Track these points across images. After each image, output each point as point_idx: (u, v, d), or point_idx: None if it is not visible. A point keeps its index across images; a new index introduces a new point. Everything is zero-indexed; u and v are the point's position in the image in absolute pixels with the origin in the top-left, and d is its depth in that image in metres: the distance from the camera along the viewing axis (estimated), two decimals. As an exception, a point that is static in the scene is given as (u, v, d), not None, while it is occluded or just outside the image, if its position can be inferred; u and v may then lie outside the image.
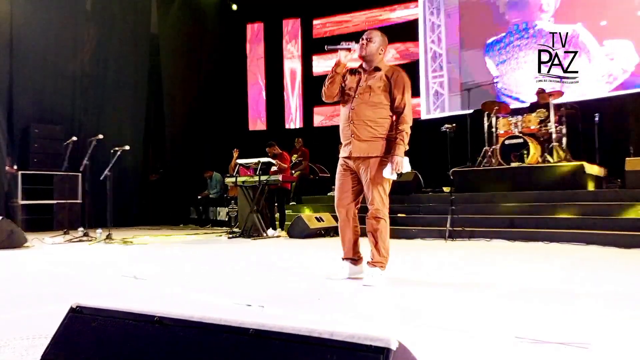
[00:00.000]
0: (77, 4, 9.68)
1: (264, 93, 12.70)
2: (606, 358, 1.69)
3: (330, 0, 11.64)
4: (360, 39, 3.13)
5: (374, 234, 3.08)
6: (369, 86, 3.05)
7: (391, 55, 10.97)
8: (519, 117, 7.43)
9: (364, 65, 3.16)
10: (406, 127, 3.02)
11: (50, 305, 2.55)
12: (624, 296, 2.75)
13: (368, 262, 3.12)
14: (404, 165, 2.98)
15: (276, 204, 7.80)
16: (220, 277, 3.64)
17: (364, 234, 3.17)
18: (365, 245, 3.23)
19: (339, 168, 3.23)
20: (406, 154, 3.04)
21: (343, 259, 3.25)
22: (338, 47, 3.08)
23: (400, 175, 3.08)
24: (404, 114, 3.03)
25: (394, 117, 3.07)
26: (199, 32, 12.16)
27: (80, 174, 8.61)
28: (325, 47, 3.22)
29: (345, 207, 3.18)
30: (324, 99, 3.20)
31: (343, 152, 3.17)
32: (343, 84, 3.16)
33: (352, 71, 3.18)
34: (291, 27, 12.28)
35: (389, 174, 2.97)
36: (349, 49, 3.05)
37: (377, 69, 3.10)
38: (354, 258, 3.22)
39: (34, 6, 8.89)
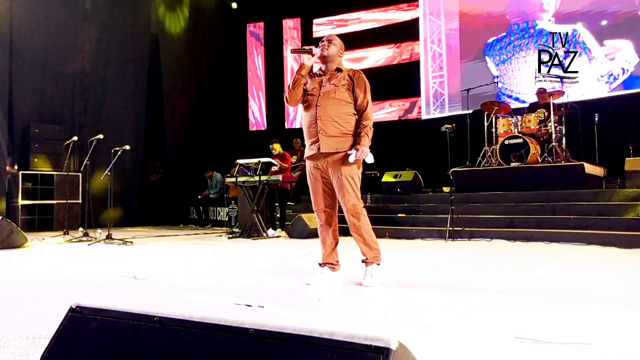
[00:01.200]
0: (77, 4, 9.68)
1: (264, 93, 12.70)
2: (607, 358, 1.69)
3: (330, 0, 11.64)
4: (321, 42, 3.22)
5: (358, 232, 3.10)
6: (334, 84, 3.13)
7: (392, 55, 10.98)
8: (519, 117, 7.42)
9: (323, 68, 3.24)
10: (369, 123, 3.11)
11: (50, 305, 2.55)
12: (624, 296, 2.76)
13: (363, 261, 3.13)
14: (369, 156, 3.08)
15: (276, 204, 7.80)
16: (220, 277, 3.64)
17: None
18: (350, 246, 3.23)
19: (309, 172, 3.24)
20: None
21: (321, 264, 3.23)
22: (300, 50, 3.17)
23: (367, 167, 3.09)
24: (366, 111, 3.13)
25: (357, 116, 3.15)
26: (199, 31, 12.16)
27: (80, 174, 8.63)
28: (290, 50, 3.27)
29: (325, 210, 3.19)
30: (287, 103, 3.25)
31: (310, 151, 3.17)
32: (305, 87, 3.22)
33: (312, 75, 3.25)
34: (291, 26, 12.27)
35: (352, 158, 3.03)
36: (311, 52, 3.12)
37: (339, 70, 3.20)
38: (333, 263, 3.21)
39: (33, 6, 8.89)
